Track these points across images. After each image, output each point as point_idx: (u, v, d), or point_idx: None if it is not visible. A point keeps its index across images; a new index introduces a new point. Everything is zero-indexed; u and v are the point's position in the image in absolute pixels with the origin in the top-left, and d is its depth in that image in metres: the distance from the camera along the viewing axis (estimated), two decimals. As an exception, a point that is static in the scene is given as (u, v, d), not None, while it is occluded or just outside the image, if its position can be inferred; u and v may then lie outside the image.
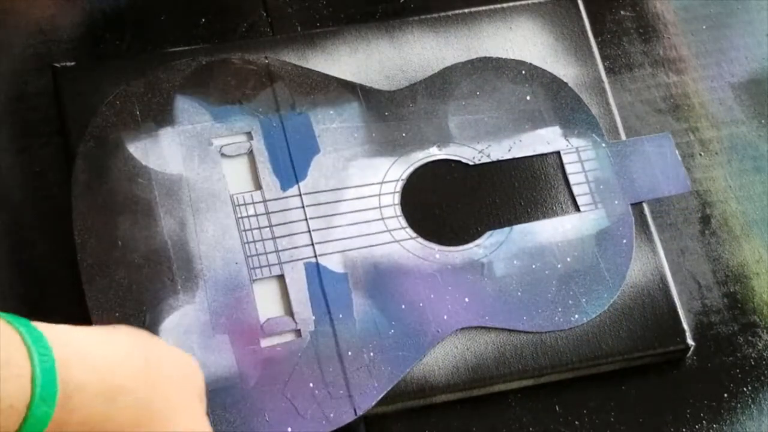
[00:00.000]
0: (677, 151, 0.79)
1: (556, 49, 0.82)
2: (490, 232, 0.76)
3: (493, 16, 0.82)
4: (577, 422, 0.74)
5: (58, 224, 0.74)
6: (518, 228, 0.76)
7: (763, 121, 0.84)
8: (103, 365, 0.58)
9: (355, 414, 0.70)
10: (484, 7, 0.83)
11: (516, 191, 0.78)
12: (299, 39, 0.80)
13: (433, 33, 0.81)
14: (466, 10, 0.82)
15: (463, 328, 0.73)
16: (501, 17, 0.82)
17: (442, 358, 0.72)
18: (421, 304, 0.73)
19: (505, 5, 0.83)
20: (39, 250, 0.74)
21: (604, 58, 0.84)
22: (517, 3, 0.83)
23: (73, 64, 0.77)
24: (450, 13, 0.82)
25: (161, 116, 0.76)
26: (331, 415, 0.70)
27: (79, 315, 0.71)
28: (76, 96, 0.76)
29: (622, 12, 0.87)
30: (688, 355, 0.76)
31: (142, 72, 0.77)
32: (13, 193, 0.76)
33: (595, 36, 0.83)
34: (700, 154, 0.83)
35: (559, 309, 0.74)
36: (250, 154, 0.76)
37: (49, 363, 0.55)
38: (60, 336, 0.58)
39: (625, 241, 0.76)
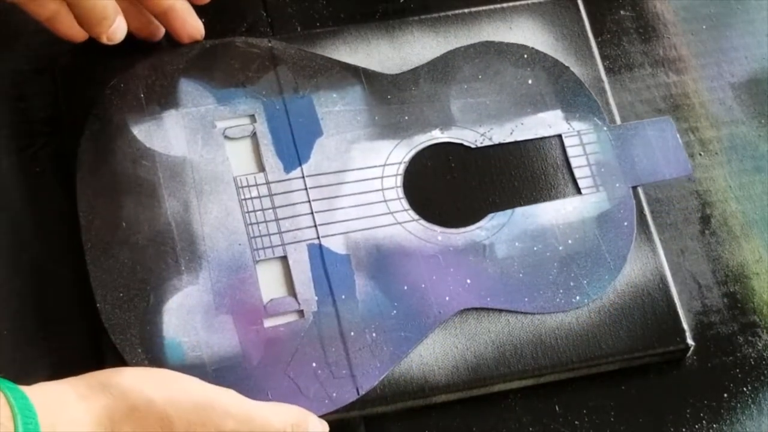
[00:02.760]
0: (678, 135, 0.80)
1: (556, 49, 0.82)
2: (492, 215, 0.76)
3: (492, 16, 0.83)
4: (577, 422, 0.74)
5: (58, 224, 0.74)
6: (520, 210, 0.77)
7: (763, 121, 0.84)
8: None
9: (358, 393, 0.70)
10: (484, 7, 0.83)
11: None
12: (299, 39, 0.80)
13: (433, 33, 0.82)
14: (466, 10, 0.83)
15: (463, 327, 0.73)
16: (501, 17, 0.83)
17: (442, 358, 0.72)
18: (423, 286, 0.73)
19: (505, 5, 0.83)
20: (39, 250, 0.74)
21: (604, 58, 0.84)
22: (517, 3, 0.83)
23: (73, 64, 0.77)
24: (450, 13, 0.83)
25: (165, 99, 0.77)
26: (334, 394, 0.70)
27: (79, 314, 0.72)
28: (76, 96, 0.77)
29: (622, 12, 0.87)
30: (688, 355, 0.76)
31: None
32: (13, 193, 0.76)
33: (595, 36, 0.84)
34: (700, 154, 0.83)
35: (561, 290, 0.74)
36: (254, 136, 0.77)
37: (33, 425, 0.57)
38: (45, 398, 0.59)
39: (626, 223, 0.77)
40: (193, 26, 0.78)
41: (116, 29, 0.75)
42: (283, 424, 0.65)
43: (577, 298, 0.74)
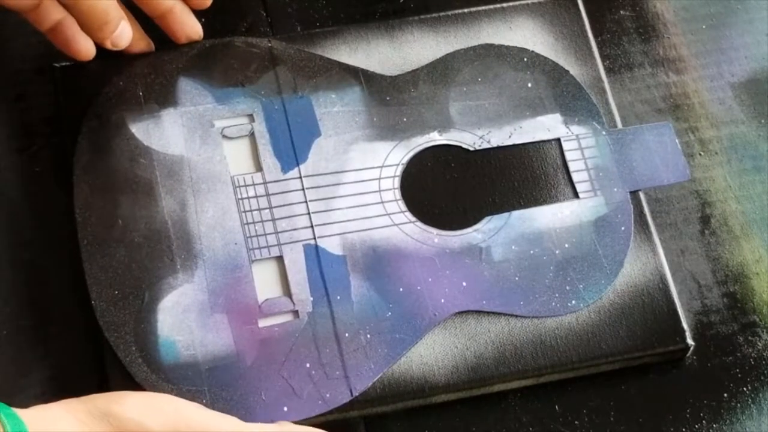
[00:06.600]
0: (677, 140, 0.79)
1: (556, 49, 0.82)
2: (489, 218, 0.76)
3: (492, 15, 0.83)
4: (577, 422, 0.74)
5: (58, 224, 0.74)
6: (517, 214, 0.77)
7: (763, 121, 0.84)
8: None
9: (351, 395, 0.70)
10: (483, 7, 0.83)
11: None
12: (299, 39, 0.80)
13: (433, 33, 0.82)
14: (465, 10, 0.83)
15: (463, 327, 0.73)
16: (501, 17, 0.83)
17: (442, 358, 0.72)
18: (418, 288, 0.73)
19: (504, 5, 0.83)
20: (39, 250, 0.74)
21: (604, 58, 0.84)
22: (517, 3, 0.83)
23: (73, 64, 0.77)
24: (450, 12, 0.82)
25: (164, 97, 0.77)
26: (327, 395, 0.70)
27: (78, 314, 0.72)
28: (76, 96, 0.77)
29: (622, 12, 0.87)
30: (688, 355, 0.76)
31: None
32: (12, 193, 0.76)
33: (595, 36, 0.83)
34: (700, 154, 0.83)
35: (557, 294, 0.74)
36: (252, 136, 0.77)
37: None
38: (41, 423, 0.58)
39: (623, 228, 0.77)
40: (191, 28, 0.78)
41: (120, 34, 0.75)
42: None
43: (573, 302, 0.74)
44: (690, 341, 0.75)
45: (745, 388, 0.76)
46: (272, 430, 0.66)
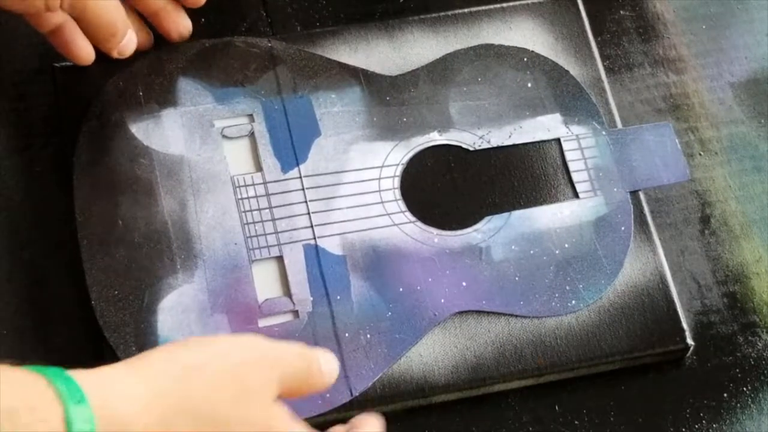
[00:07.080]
0: (677, 140, 0.79)
1: (556, 49, 0.82)
2: (489, 217, 0.76)
3: (492, 15, 0.83)
4: (576, 422, 0.74)
5: (58, 224, 0.74)
6: (517, 213, 0.77)
7: (763, 121, 0.84)
8: (139, 407, 0.54)
9: (351, 395, 0.70)
10: (483, 7, 0.83)
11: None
12: (299, 39, 0.80)
13: (432, 33, 0.82)
14: (465, 10, 0.83)
15: (463, 327, 0.73)
16: (501, 17, 0.83)
17: (441, 358, 0.72)
18: (418, 288, 0.73)
19: (504, 5, 0.83)
20: (39, 250, 0.74)
21: (603, 58, 0.84)
22: (517, 3, 0.83)
23: (73, 64, 0.77)
24: (450, 12, 0.83)
25: (164, 97, 0.77)
26: (327, 395, 0.70)
27: (78, 314, 0.72)
28: (76, 96, 0.77)
29: (621, 12, 0.87)
30: (688, 355, 0.76)
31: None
32: (13, 193, 0.76)
33: (595, 36, 0.83)
34: (700, 154, 0.83)
35: (557, 294, 0.74)
36: (252, 136, 0.77)
37: (87, 413, 0.52)
38: (94, 382, 0.54)
39: (623, 228, 0.77)
40: (184, 26, 0.78)
41: (127, 43, 0.75)
42: (300, 353, 0.62)
43: (573, 302, 0.74)
44: (690, 341, 0.75)
45: (745, 388, 0.76)
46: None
